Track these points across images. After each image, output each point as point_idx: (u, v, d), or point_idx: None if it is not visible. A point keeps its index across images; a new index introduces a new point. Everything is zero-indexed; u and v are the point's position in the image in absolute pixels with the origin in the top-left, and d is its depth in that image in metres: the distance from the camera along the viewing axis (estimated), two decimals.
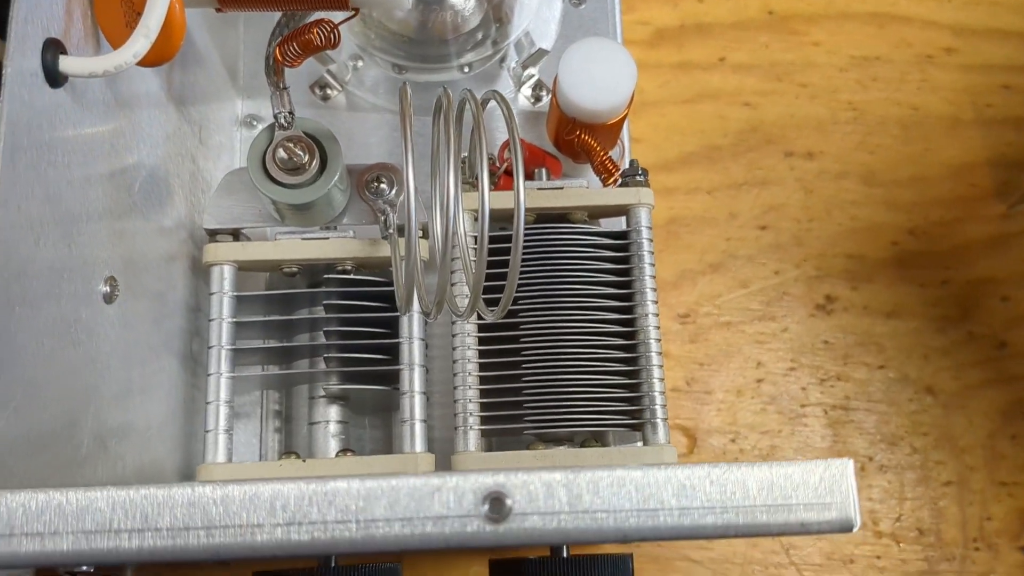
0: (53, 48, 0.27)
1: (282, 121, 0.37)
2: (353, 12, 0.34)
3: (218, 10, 0.34)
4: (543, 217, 0.43)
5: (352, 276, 0.42)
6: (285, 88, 0.38)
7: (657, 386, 0.41)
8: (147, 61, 0.30)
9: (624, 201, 0.43)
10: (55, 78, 0.28)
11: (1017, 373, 0.61)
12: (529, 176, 0.46)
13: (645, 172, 0.43)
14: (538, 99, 0.53)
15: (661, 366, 0.42)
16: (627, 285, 0.43)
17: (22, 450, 0.27)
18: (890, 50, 0.68)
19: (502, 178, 0.46)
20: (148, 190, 0.36)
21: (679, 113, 0.66)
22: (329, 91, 0.52)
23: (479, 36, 0.52)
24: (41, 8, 0.27)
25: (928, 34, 0.68)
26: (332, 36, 0.34)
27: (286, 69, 0.37)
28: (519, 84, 0.53)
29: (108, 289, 0.32)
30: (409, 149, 0.32)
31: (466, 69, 0.53)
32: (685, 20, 0.68)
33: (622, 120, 0.47)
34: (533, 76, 0.53)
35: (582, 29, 0.55)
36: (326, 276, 0.42)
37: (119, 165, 0.34)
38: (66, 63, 0.28)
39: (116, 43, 0.30)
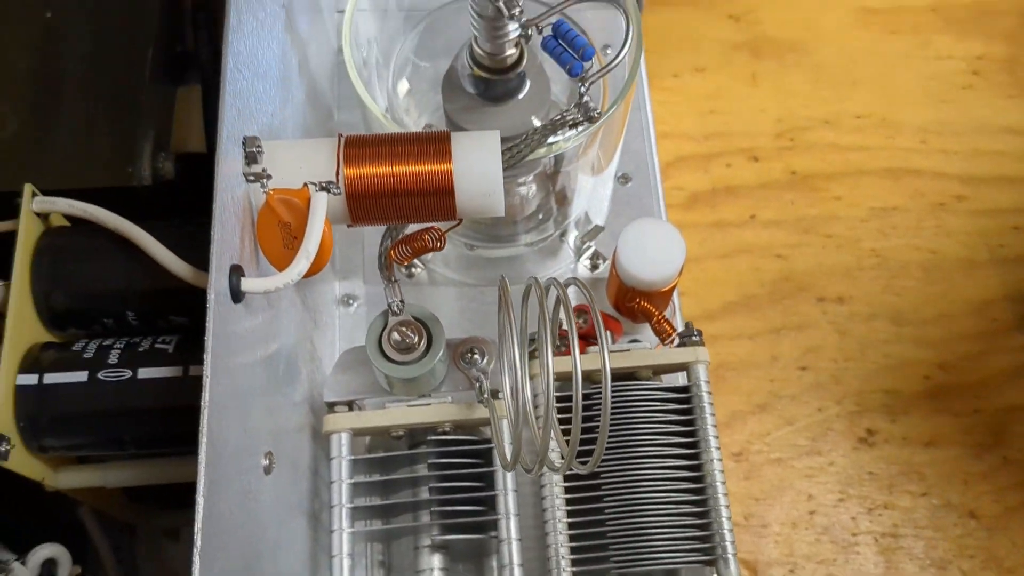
0: (237, 273, 0.34)
1: (395, 308, 0.44)
2: (458, 221, 0.41)
3: (349, 226, 0.41)
4: (613, 376, 0.49)
5: (451, 437, 0.48)
6: (396, 280, 0.45)
7: (725, 524, 0.46)
8: (307, 274, 0.37)
9: (684, 359, 0.49)
10: (238, 296, 0.35)
11: None
12: (591, 340, 0.52)
13: (700, 332, 0.50)
14: (595, 267, 0.60)
15: (728, 505, 0.47)
16: (692, 434, 0.48)
17: None
18: (906, 200, 0.75)
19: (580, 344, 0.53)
20: (287, 370, 0.43)
21: (718, 267, 0.73)
22: (414, 269, 0.60)
23: (541, 216, 0.60)
24: (227, 240, 0.35)
25: (939, 184, 0.76)
26: (441, 241, 0.42)
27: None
28: (579, 255, 0.60)
29: (267, 462, 0.38)
30: (515, 332, 0.39)
31: (530, 245, 0.60)
32: (716, 184, 0.76)
33: (674, 286, 0.53)
34: (591, 248, 0.60)
35: (630, 204, 0.62)
36: (428, 438, 0.48)
37: (269, 351, 0.40)
38: (247, 284, 0.34)
39: (274, 261, 0.38)
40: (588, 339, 0.53)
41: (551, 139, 0.45)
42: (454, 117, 0.52)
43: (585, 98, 0.43)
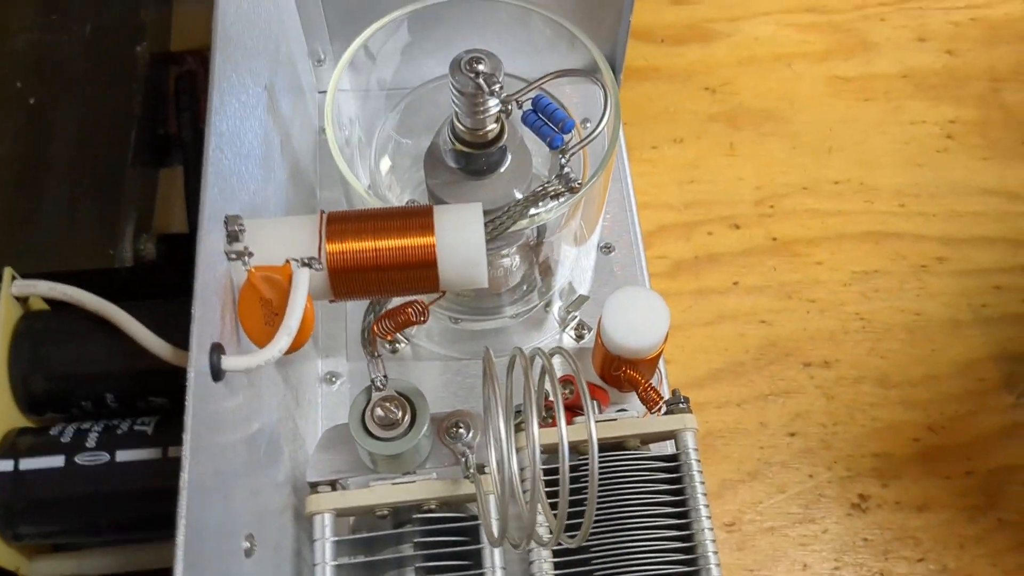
0: (217, 351, 0.34)
1: (378, 384, 0.44)
2: (441, 293, 0.41)
3: (332, 301, 0.41)
4: (601, 446, 0.49)
5: (436, 515, 0.47)
6: (379, 356, 0.44)
7: None
8: (288, 351, 0.36)
9: (671, 427, 0.48)
10: (218, 375, 0.34)
11: None
12: (577, 410, 0.52)
13: (687, 400, 0.49)
14: (581, 337, 0.60)
15: None
16: (682, 503, 0.48)
17: None
18: (887, 263, 0.75)
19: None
20: (269, 450, 0.43)
21: (703, 334, 0.73)
22: (398, 344, 0.59)
23: (525, 287, 0.60)
24: (208, 318, 0.34)
25: (920, 246, 0.76)
26: (424, 314, 0.42)
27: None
28: (564, 325, 0.60)
29: (248, 545, 0.37)
30: (500, 404, 0.38)
31: (515, 316, 0.60)
32: (698, 252, 0.76)
33: (660, 354, 0.53)
34: (576, 318, 0.60)
35: (614, 273, 0.62)
36: (414, 516, 0.47)
37: (250, 431, 0.40)
38: (227, 362, 0.34)
39: (256, 338, 0.37)
40: (575, 410, 0.53)
41: (533, 210, 0.45)
42: (437, 192, 0.53)
43: (566, 169, 0.43)
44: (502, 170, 0.53)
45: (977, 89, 0.83)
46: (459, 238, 0.40)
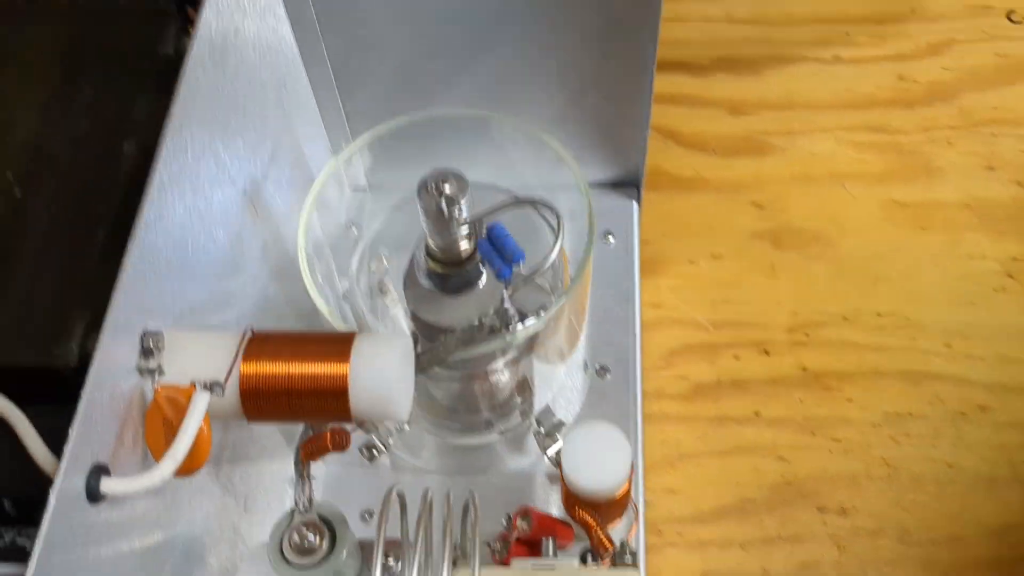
0: (99, 472, 0.34)
1: (300, 507, 0.43)
2: (353, 422, 0.40)
3: (249, 420, 0.40)
4: None
5: None
6: (309, 478, 0.43)
7: None
8: (177, 474, 0.36)
9: None
10: (95, 496, 0.34)
11: None
12: (536, 545, 0.50)
13: (634, 555, 0.46)
14: (559, 463, 0.58)
15: None
16: None
17: None
18: (923, 407, 0.70)
19: (514, 545, 0.50)
20: (184, 562, 0.42)
21: (715, 465, 0.69)
22: (375, 452, 0.58)
23: (510, 404, 0.58)
24: (92, 436, 0.34)
25: (962, 391, 0.71)
26: (344, 441, 0.41)
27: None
28: (544, 449, 0.58)
29: None
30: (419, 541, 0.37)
31: (502, 433, 0.58)
32: (721, 376, 0.73)
33: (624, 496, 0.51)
34: (557, 442, 0.58)
35: (606, 398, 0.60)
36: None
37: (151, 543, 0.39)
38: (108, 484, 0.34)
39: (159, 458, 0.37)
40: (531, 544, 0.51)
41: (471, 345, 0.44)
42: (413, 308, 0.52)
43: (505, 305, 0.42)
44: (480, 287, 0.52)
45: None
46: (372, 369, 0.39)
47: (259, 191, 0.52)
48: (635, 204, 0.73)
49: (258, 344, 0.39)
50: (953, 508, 0.66)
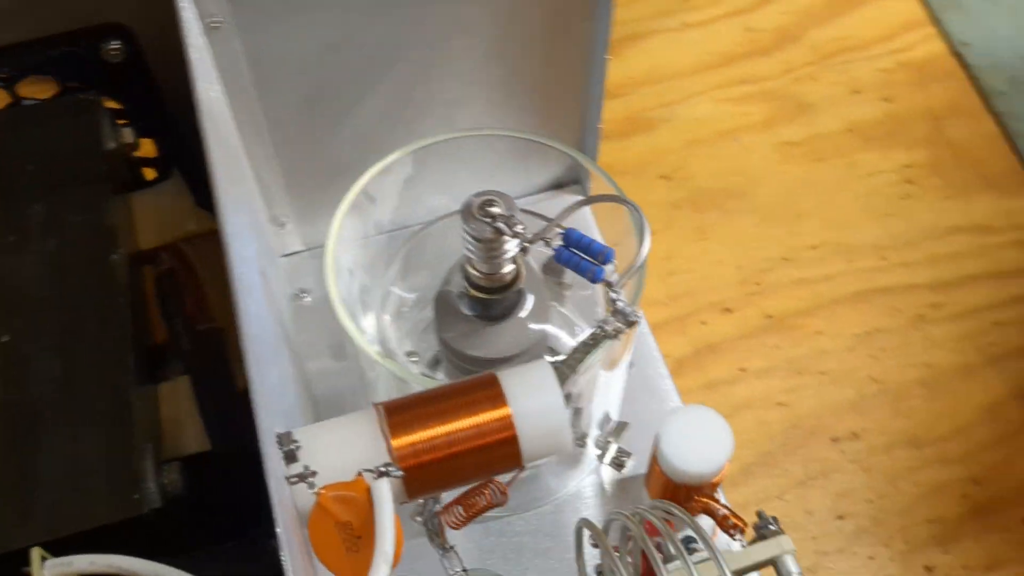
0: None
1: None
2: (522, 468, 0.37)
3: (402, 503, 0.36)
4: None
5: None
6: (451, 548, 0.39)
7: None
8: None
9: (770, 555, 0.44)
10: None
11: None
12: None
13: (775, 519, 0.45)
14: (621, 465, 0.56)
15: None
16: None
17: None
18: (884, 320, 0.74)
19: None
20: None
21: None
22: None
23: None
24: (297, 568, 0.29)
25: (911, 296, 0.75)
26: (502, 496, 0.37)
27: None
28: (603, 457, 0.56)
29: None
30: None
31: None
32: (697, 344, 0.73)
33: (723, 474, 0.50)
34: (614, 446, 0.56)
35: (646, 389, 0.59)
36: None
37: None
38: None
39: (337, 569, 0.32)
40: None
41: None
42: (453, 344, 0.49)
43: (619, 303, 0.40)
44: (523, 313, 0.49)
45: (922, 131, 0.84)
46: (537, 403, 0.36)
47: (265, 272, 0.47)
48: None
49: (397, 414, 0.35)
50: (946, 404, 0.70)
